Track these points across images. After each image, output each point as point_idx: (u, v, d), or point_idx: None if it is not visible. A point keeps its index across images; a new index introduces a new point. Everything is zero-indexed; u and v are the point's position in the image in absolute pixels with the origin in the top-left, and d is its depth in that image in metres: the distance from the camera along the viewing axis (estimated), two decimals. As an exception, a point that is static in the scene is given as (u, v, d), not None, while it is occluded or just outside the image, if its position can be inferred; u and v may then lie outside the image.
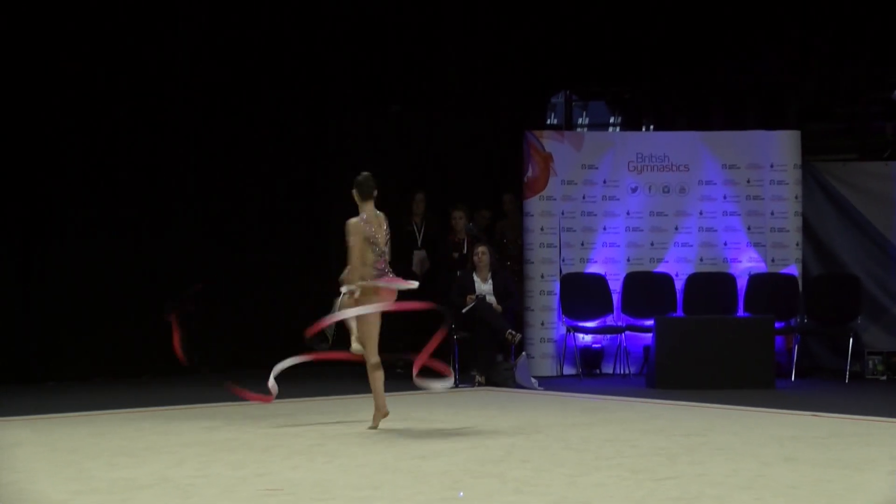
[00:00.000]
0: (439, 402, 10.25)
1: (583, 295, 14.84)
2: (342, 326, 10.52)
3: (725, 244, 15.12)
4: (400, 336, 12.46)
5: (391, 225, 10.27)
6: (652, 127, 17.79)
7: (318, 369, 14.89)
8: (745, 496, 7.17)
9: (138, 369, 14.08)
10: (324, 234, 15.65)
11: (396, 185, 15.16)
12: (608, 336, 14.97)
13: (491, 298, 13.82)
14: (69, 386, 13.33)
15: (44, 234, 13.82)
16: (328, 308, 10.32)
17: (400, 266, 14.50)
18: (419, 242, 14.76)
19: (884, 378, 14.51)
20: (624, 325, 14.78)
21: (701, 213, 15.16)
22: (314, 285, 15.37)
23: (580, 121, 19.17)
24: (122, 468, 8.15)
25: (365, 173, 10.10)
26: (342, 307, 10.20)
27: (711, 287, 14.92)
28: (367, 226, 9.97)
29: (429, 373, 10.23)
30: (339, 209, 15.60)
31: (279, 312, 15.01)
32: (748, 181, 15.06)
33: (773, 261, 14.93)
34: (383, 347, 9.99)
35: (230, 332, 14.84)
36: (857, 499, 7.19)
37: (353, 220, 10.00)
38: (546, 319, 14.94)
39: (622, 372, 14.81)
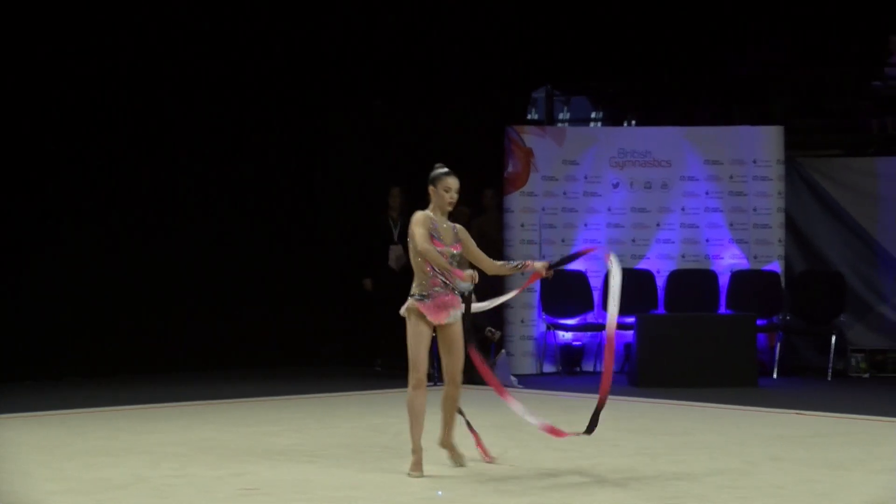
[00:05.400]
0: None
1: (563, 292, 14.74)
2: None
3: (708, 241, 15.06)
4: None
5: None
6: (634, 122, 17.73)
7: (305, 368, 14.92)
8: (729, 496, 7.13)
9: (114, 368, 13.95)
10: (311, 227, 15.57)
11: (379, 180, 15.09)
12: (588, 333, 14.92)
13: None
14: (44, 385, 13.21)
15: (27, 233, 13.68)
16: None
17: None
18: (395, 237, 14.58)
19: (867, 376, 14.50)
20: (605, 322, 14.66)
21: (683, 210, 15.10)
22: (302, 278, 15.34)
23: (562, 116, 19.10)
24: (99, 468, 8.09)
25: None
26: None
27: (693, 284, 14.87)
28: (432, 222, 8.12)
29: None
30: (323, 201, 15.64)
31: (273, 310, 15.04)
32: (731, 177, 15.00)
33: (755, 257, 14.88)
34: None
35: (226, 332, 14.76)
36: (843, 498, 7.17)
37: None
38: (526, 317, 14.88)
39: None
